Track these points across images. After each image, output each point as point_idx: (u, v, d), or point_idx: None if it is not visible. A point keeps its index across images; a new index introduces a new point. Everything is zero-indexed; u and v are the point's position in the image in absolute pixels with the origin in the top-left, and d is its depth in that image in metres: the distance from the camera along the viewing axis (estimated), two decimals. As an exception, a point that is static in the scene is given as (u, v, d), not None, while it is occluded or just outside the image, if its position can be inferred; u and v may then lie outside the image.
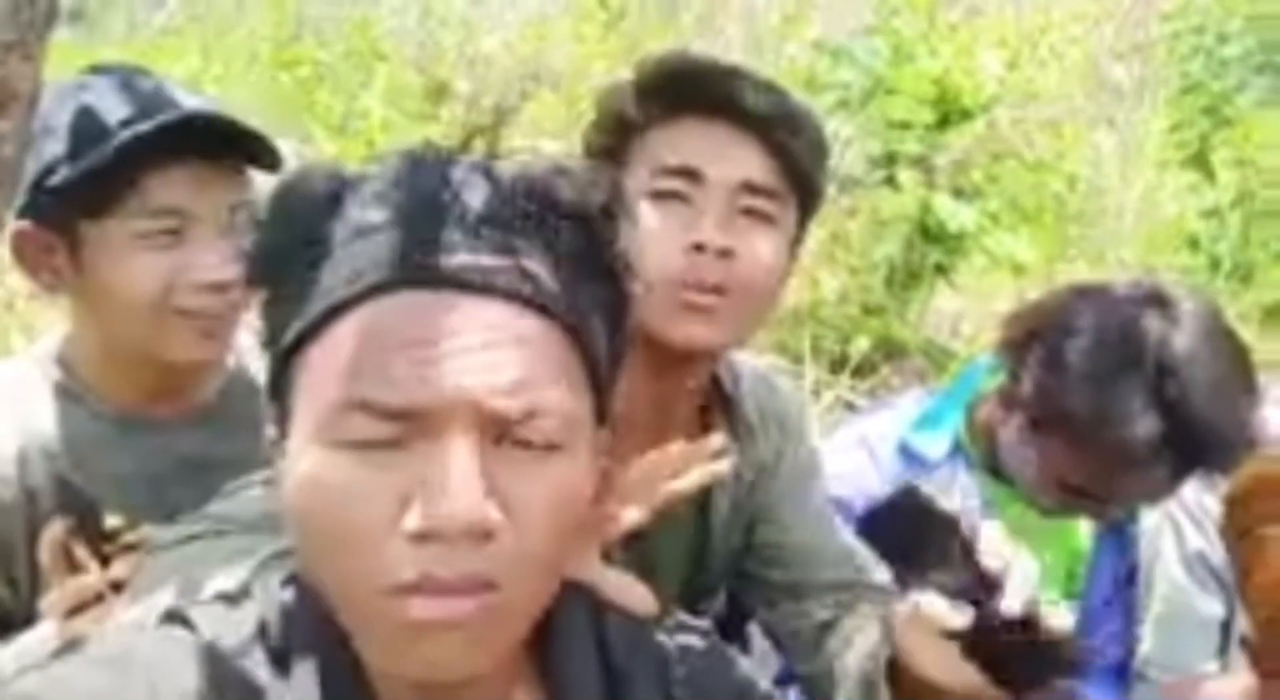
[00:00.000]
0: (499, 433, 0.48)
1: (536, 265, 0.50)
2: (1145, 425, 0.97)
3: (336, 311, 0.50)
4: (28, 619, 0.92)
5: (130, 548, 0.77)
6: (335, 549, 0.49)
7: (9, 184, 0.75)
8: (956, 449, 1.19)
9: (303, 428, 0.50)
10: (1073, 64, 3.53)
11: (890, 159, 2.91)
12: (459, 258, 0.49)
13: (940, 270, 2.85)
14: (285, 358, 0.52)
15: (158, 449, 0.99)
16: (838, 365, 2.91)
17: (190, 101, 0.94)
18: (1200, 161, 3.29)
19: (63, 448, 0.96)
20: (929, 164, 2.84)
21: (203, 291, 0.93)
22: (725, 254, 0.87)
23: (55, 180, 0.90)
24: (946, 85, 2.80)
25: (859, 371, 2.97)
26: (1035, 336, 1.07)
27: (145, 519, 0.81)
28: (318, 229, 0.51)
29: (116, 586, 0.74)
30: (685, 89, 0.91)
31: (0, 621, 0.93)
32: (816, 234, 3.14)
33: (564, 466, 0.50)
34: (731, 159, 0.89)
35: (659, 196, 0.90)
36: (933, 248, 2.80)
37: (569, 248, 0.51)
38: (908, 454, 1.20)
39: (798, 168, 0.91)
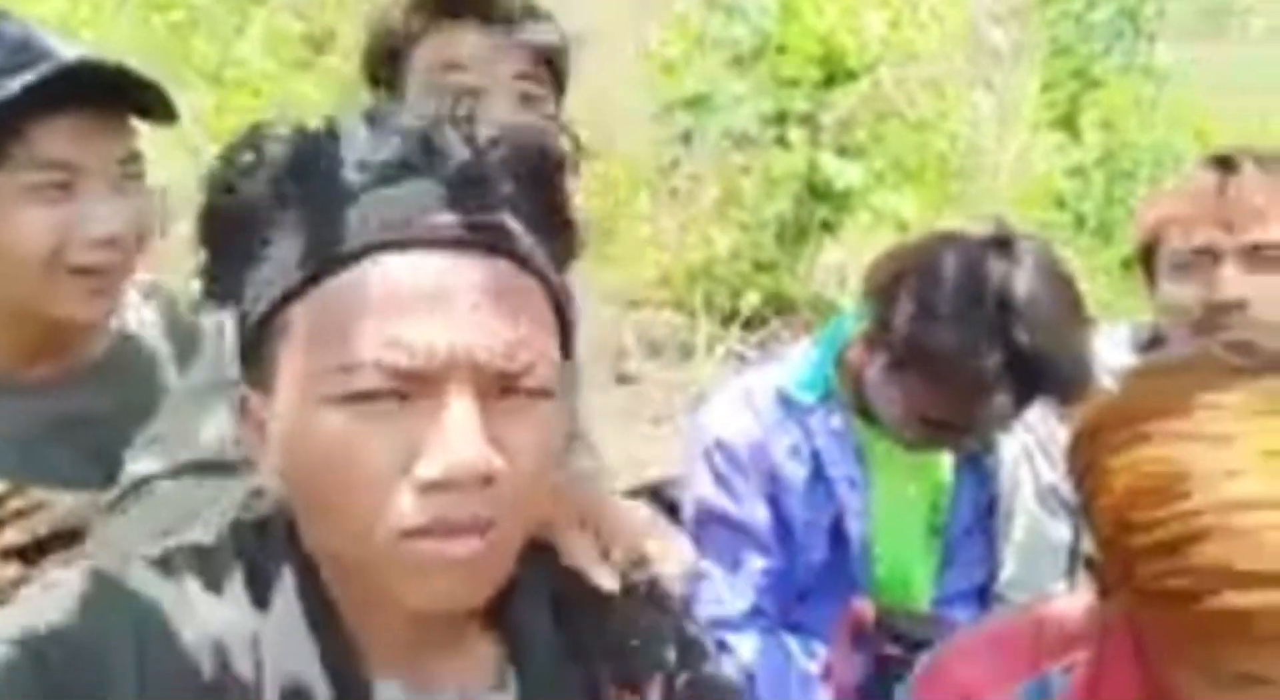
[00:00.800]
0: (498, 387, 0.51)
1: (512, 222, 0.53)
2: (991, 357, 1.06)
3: (325, 272, 0.51)
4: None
5: (20, 513, 0.75)
6: (339, 499, 0.51)
7: None
8: (828, 393, 1.27)
9: (295, 386, 0.52)
10: (953, 26, 3.64)
11: (780, 117, 2.97)
12: (445, 217, 0.51)
13: (827, 227, 2.93)
14: (264, 318, 0.53)
15: (27, 412, 0.96)
16: (729, 319, 2.99)
17: (68, 50, 0.90)
18: (1068, 123, 3.47)
19: None
20: (817, 122, 2.90)
21: (95, 247, 0.90)
22: None
23: None
24: (833, 44, 2.86)
25: (749, 325, 3.05)
26: (896, 280, 1.15)
27: (17, 483, 0.79)
28: (291, 188, 0.52)
29: (18, 552, 0.73)
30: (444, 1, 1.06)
31: None
32: (710, 192, 3.19)
33: (550, 410, 0.54)
34: (497, 51, 1.05)
35: (442, 92, 1.04)
36: (820, 205, 2.88)
37: (536, 205, 0.54)
38: (784, 400, 1.27)
39: (552, 56, 1.08)
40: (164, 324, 1.06)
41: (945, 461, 1.32)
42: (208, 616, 0.54)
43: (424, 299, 0.50)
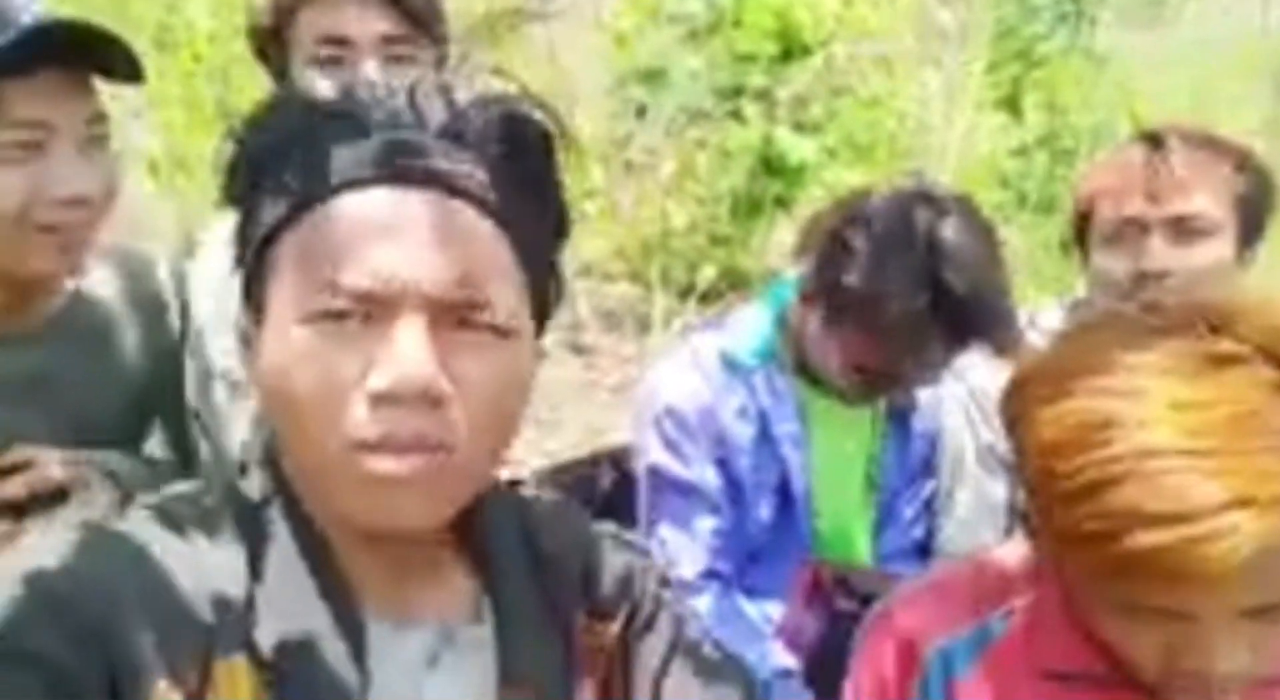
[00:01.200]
0: (450, 317, 0.55)
1: (485, 174, 0.57)
2: (920, 299, 1.11)
3: (308, 205, 0.56)
4: None
5: (14, 469, 0.74)
6: (306, 410, 0.55)
7: None
8: (770, 354, 1.30)
9: (278, 311, 0.56)
10: (903, 5, 3.69)
11: (735, 92, 2.99)
12: (416, 161, 0.56)
13: (781, 202, 2.97)
14: (259, 253, 0.58)
15: (1, 365, 0.95)
16: (685, 293, 3.01)
17: (34, 9, 0.88)
18: (1012, 103, 3.55)
19: None
20: (772, 98, 2.93)
21: (63, 205, 0.90)
22: None
23: None
24: (789, 19, 2.88)
25: (705, 298, 3.08)
26: (828, 234, 1.20)
27: None
28: (293, 141, 0.57)
29: (12, 506, 0.72)
30: None
31: None
32: (667, 166, 3.20)
33: (510, 352, 0.58)
34: (367, 19, 1.18)
35: (323, 63, 1.19)
36: (774, 180, 2.91)
37: (512, 164, 0.58)
38: (728, 362, 1.30)
39: (419, 16, 1.21)
40: (122, 285, 1.06)
41: (879, 419, 1.37)
42: (204, 560, 0.56)
43: (386, 231, 0.55)
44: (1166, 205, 1.18)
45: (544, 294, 0.61)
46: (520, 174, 0.59)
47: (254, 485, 0.60)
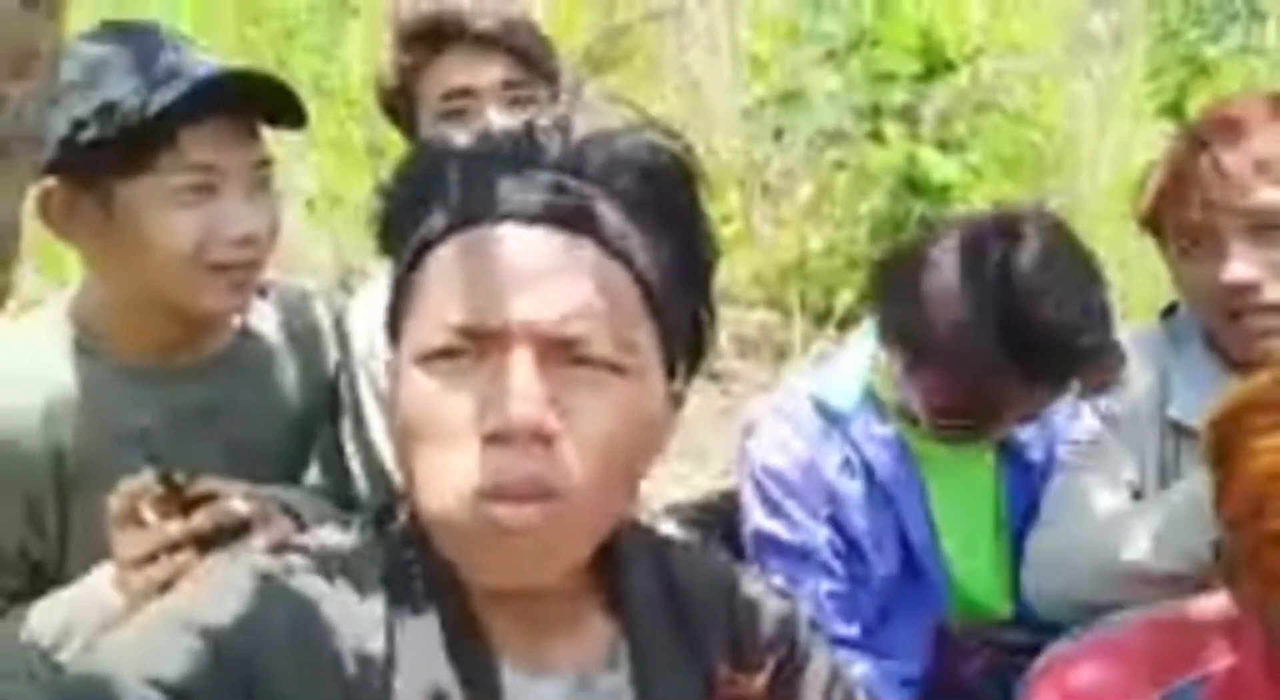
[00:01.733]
0: (561, 354, 0.55)
1: (603, 209, 0.57)
2: (988, 334, 1.04)
3: (430, 245, 0.58)
4: (58, 569, 0.93)
5: (204, 499, 0.78)
6: (428, 452, 0.55)
7: (34, 147, 0.75)
8: (867, 398, 1.23)
9: (405, 350, 0.58)
10: (1052, 12, 3.53)
11: (875, 111, 2.92)
12: (532, 197, 0.56)
13: (925, 223, 2.87)
14: (397, 291, 0.60)
15: (176, 399, 1.01)
16: (823, 318, 2.94)
17: (206, 60, 0.95)
18: (1176, 110, 3.33)
19: (85, 402, 0.97)
20: (914, 116, 2.85)
21: (235, 245, 0.96)
22: None
23: (86, 137, 0.90)
24: (932, 36, 2.80)
25: (844, 324, 3.01)
26: (896, 273, 1.15)
27: (171, 469, 0.83)
28: (428, 186, 0.59)
29: (198, 539, 0.76)
30: (441, 28, 1.25)
31: (31, 571, 0.95)
32: (804, 189, 3.15)
33: (629, 390, 0.56)
34: (486, 68, 1.24)
35: (450, 115, 1.25)
36: (918, 201, 2.82)
37: (638, 196, 0.58)
38: (822, 410, 1.24)
39: (533, 57, 1.27)
40: (282, 319, 1.11)
41: (995, 457, 1.28)
42: (352, 611, 0.57)
43: (493, 267, 0.55)
44: (1243, 207, 1.08)
45: (681, 331, 0.60)
46: (648, 207, 0.58)
47: (398, 528, 0.60)
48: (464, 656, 0.56)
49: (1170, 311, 1.28)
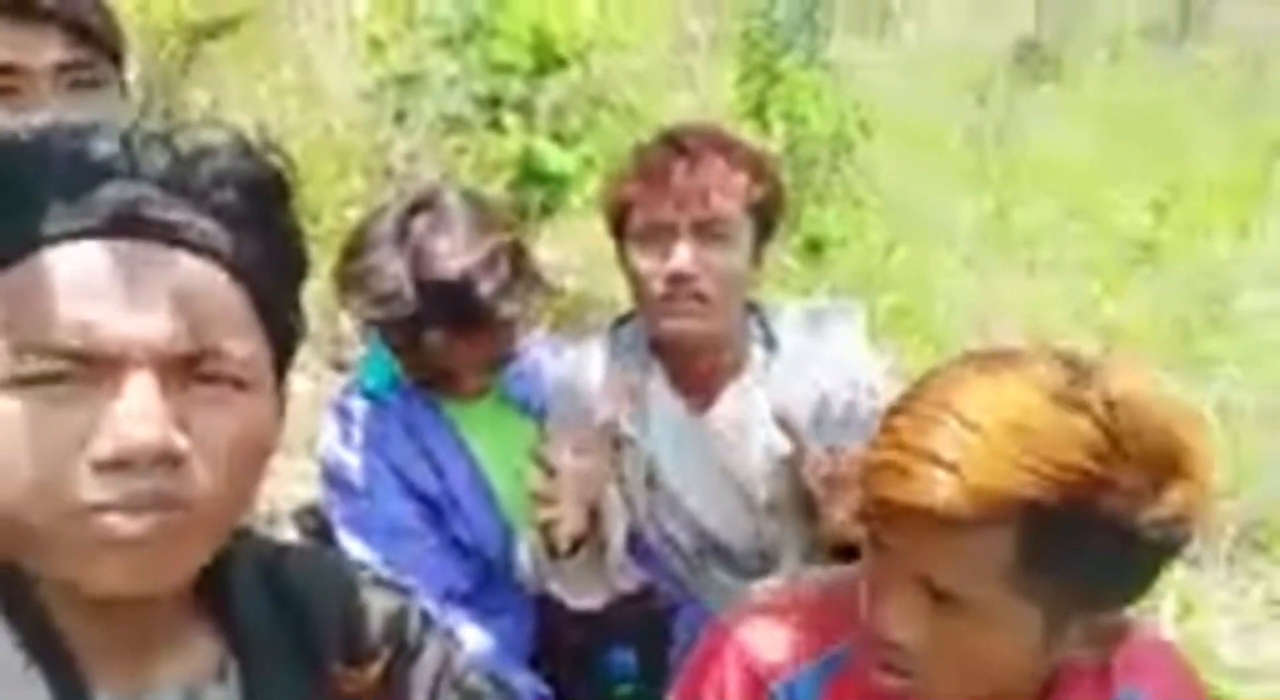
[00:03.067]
0: (182, 371, 0.53)
1: (211, 224, 0.56)
2: (405, 299, 1.19)
3: (3, 262, 0.52)
4: None
5: None
6: (20, 479, 0.51)
7: None
8: (395, 381, 1.37)
9: None
10: (655, 16, 3.83)
11: (494, 101, 2.98)
12: (138, 212, 0.53)
13: (546, 211, 3.01)
14: None
15: None
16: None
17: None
18: (759, 115, 3.78)
19: None
20: (529, 108, 2.95)
21: None
22: None
23: None
24: (543, 31, 2.91)
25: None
26: (344, 263, 1.25)
27: None
28: None
29: None
30: None
31: None
32: (428, 174, 3.14)
33: (250, 404, 0.56)
34: (39, 46, 1.10)
35: None
36: (537, 190, 2.94)
37: (242, 212, 0.57)
38: (367, 394, 1.36)
39: (99, 37, 1.14)
40: None
41: (510, 409, 1.41)
42: None
43: (101, 286, 0.52)
44: (694, 210, 1.22)
45: (285, 340, 0.61)
46: (251, 221, 0.58)
47: None
48: (51, 683, 0.53)
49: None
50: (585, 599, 1.26)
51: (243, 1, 3.06)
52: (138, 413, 0.51)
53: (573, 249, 3.21)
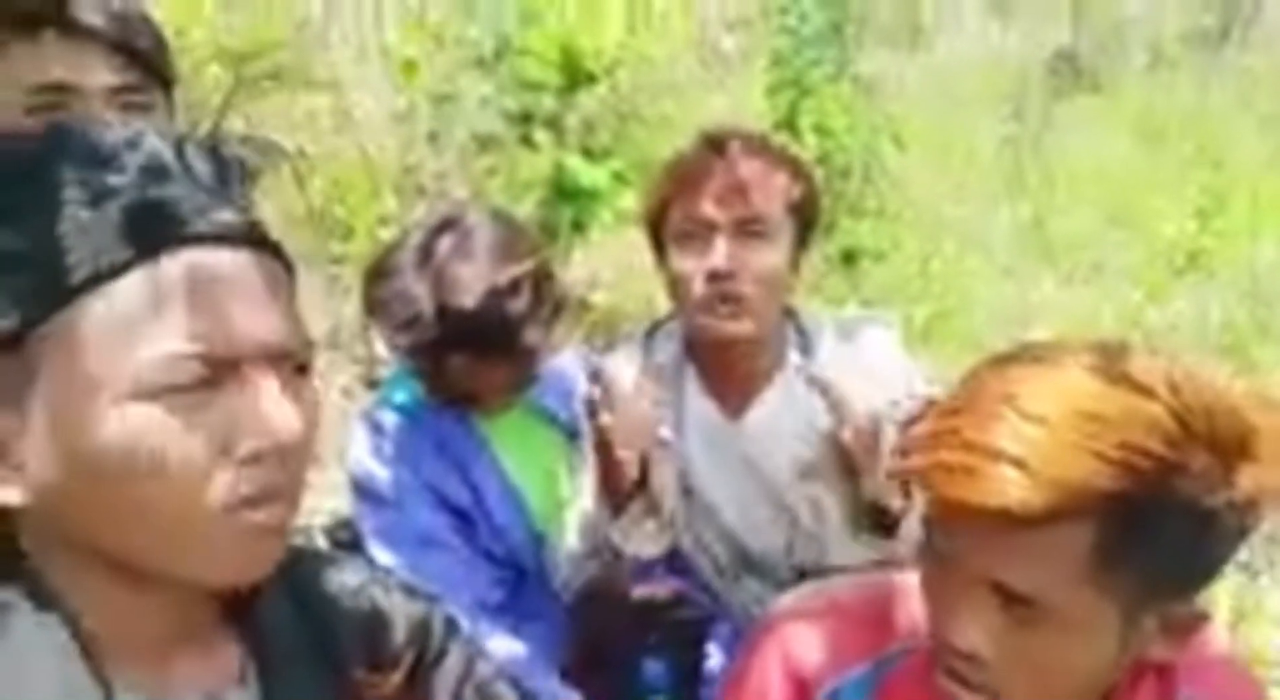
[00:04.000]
0: (289, 367, 0.56)
1: (256, 222, 0.58)
2: (427, 321, 1.18)
3: (97, 281, 0.51)
4: None
5: None
6: (162, 484, 0.53)
7: None
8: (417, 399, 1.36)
9: (72, 395, 0.52)
10: (683, 33, 3.85)
11: (525, 118, 3.01)
12: (216, 215, 0.54)
13: (577, 227, 3.02)
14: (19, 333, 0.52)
15: None
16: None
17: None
18: (790, 126, 3.78)
19: None
20: (561, 124, 2.97)
21: None
22: None
23: None
24: (571, 48, 2.94)
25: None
26: (370, 286, 1.24)
27: None
28: (21, 196, 0.52)
29: None
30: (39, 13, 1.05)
31: None
32: (459, 192, 3.17)
33: (314, 390, 0.59)
34: (90, 67, 1.06)
35: (33, 111, 1.06)
36: (568, 206, 2.95)
37: (252, 206, 0.59)
38: (395, 406, 1.35)
39: (154, 63, 1.12)
40: None
41: (537, 423, 1.40)
42: None
43: (220, 291, 0.53)
44: (733, 208, 1.21)
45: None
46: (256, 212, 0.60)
47: None
48: (72, 689, 0.53)
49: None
50: (645, 548, 1.23)
51: (279, 29, 3.13)
52: (277, 408, 0.54)
53: (603, 263, 3.22)
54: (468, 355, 1.19)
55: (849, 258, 3.85)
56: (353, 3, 3.19)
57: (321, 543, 1.63)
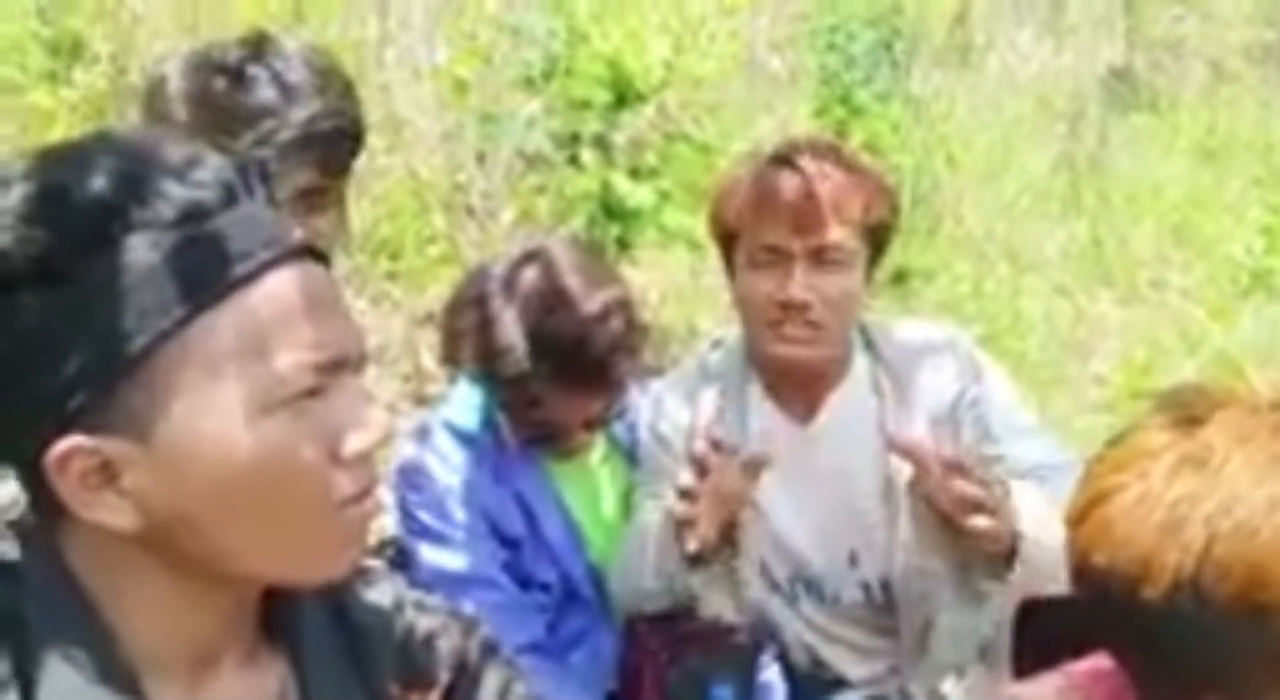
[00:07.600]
0: (361, 370, 0.60)
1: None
2: (516, 353, 1.17)
3: (207, 304, 0.53)
4: None
5: None
6: (285, 492, 0.55)
7: None
8: (490, 417, 1.37)
9: (199, 417, 0.53)
10: (732, 53, 3.85)
11: (573, 138, 3.03)
12: (290, 233, 0.57)
13: (623, 246, 3.02)
14: (124, 369, 0.52)
15: None
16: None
17: None
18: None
19: None
20: (608, 144, 2.98)
21: None
22: None
23: None
24: (620, 68, 2.95)
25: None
26: (452, 315, 1.25)
27: None
28: (109, 224, 0.53)
29: None
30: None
31: None
32: (507, 212, 3.19)
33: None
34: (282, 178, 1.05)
35: None
36: (614, 224, 2.95)
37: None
38: (454, 432, 1.35)
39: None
40: None
41: (610, 457, 1.40)
42: None
43: (312, 304, 0.56)
44: (810, 237, 1.19)
45: None
46: None
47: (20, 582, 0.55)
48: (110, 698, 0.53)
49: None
50: (726, 611, 1.22)
51: (336, 50, 3.18)
52: (371, 409, 0.57)
53: (651, 282, 3.21)
54: (561, 386, 1.16)
55: (900, 277, 3.79)
56: (408, 25, 3.24)
57: (364, 560, 1.63)
